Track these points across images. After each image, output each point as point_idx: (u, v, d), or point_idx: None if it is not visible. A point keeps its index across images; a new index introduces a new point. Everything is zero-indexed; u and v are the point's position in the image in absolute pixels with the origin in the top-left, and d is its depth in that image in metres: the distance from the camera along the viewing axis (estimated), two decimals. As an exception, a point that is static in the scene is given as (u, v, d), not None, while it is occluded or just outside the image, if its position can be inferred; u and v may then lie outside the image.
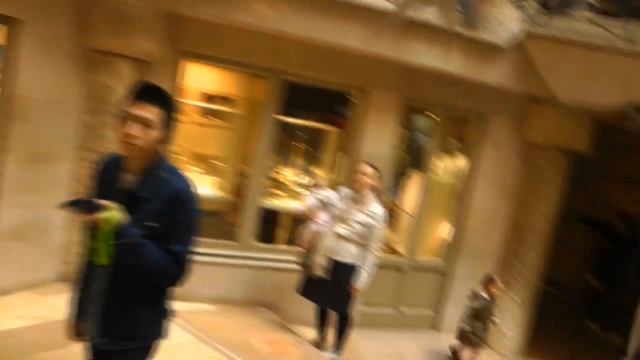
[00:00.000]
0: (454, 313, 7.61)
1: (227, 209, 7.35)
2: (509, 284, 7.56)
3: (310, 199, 5.87)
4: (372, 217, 5.50)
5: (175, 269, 2.64)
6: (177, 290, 2.79)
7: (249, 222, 6.55)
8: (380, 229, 5.57)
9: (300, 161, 7.38)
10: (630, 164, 10.90)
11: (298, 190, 7.32)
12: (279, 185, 7.37)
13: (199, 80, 7.44)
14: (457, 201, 7.62)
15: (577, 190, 8.52)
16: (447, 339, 7.26)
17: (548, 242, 7.67)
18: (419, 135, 9.12)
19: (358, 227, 5.53)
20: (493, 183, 7.54)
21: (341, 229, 5.58)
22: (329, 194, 5.82)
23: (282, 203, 7.29)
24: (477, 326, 6.59)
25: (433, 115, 7.38)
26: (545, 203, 7.49)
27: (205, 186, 7.17)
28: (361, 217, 5.52)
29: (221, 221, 7.16)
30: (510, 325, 7.58)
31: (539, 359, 7.82)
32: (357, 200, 5.58)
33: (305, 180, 7.36)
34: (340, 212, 5.65)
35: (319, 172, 7.47)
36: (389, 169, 6.94)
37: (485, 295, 6.58)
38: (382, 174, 5.82)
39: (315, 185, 6.00)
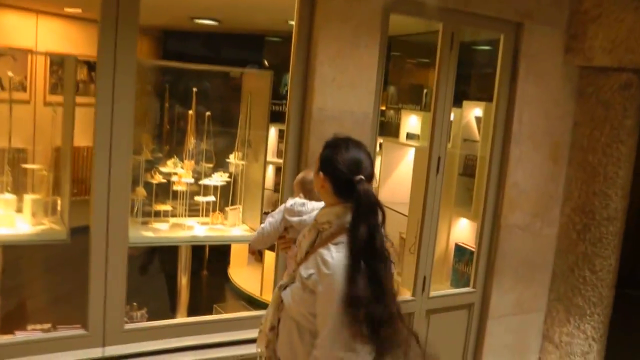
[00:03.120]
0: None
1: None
2: (577, 310, 4.56)
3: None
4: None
5: None
6: None
7: (110, 282, 3.08)
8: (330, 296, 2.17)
9: (200, 143, 3.88)
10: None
11: (202, 199, 3.85)
12: (166, 193, 3.84)
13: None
14: (481, 181, 4.46)
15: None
16: None
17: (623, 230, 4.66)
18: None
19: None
20: (537, 143, 4.38)
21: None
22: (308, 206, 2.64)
23: (178, 229, 3.80)
24: None
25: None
26: (624, 167, 4.45)
27: (17, 215, 3.54)
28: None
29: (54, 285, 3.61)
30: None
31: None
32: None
33: (217, 176, 3.87)
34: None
35: (236, 159, 4.05)
36: (372, 141, 3.65)
37: None
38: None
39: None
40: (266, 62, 5.11)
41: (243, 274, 5.46)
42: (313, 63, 3.38)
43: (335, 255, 2.15)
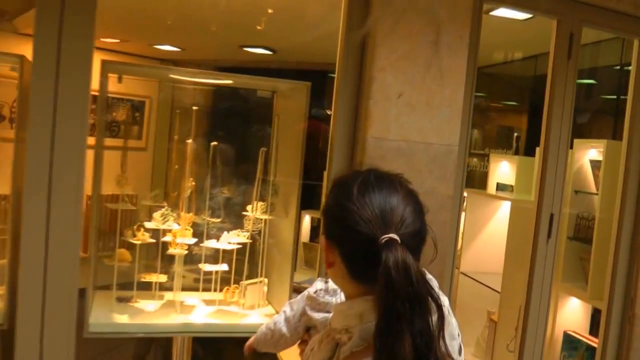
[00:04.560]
0: None
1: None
2: None
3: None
4: None
5: None
6: None
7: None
8: None
9: (204, 188, 2.76)
10: None
11: (210, 267, 2.70)
12: (164, 258, 2.74)
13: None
14: (602, 249, 3.21)
15: None
16: None
17: None
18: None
19: None
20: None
21: None
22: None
23: (171, 310, 2.67)
24: None
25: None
26: None
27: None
28: None
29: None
30: None
31: None
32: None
33: (230, 236, 2.74)
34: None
35: (255, 212, 2.92)
36: (458, 188, 2.49)
37: None
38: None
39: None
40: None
41: (295, 354, 4.30)
42: (369, 70, 2.27)
43: None
